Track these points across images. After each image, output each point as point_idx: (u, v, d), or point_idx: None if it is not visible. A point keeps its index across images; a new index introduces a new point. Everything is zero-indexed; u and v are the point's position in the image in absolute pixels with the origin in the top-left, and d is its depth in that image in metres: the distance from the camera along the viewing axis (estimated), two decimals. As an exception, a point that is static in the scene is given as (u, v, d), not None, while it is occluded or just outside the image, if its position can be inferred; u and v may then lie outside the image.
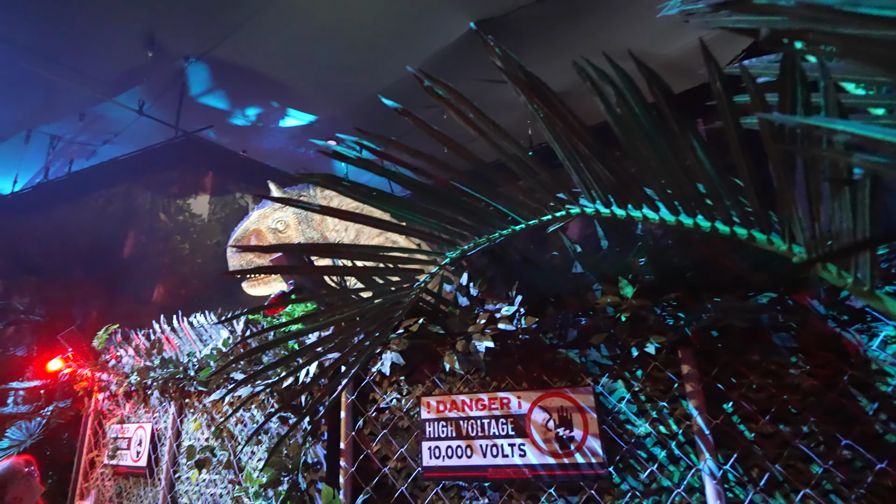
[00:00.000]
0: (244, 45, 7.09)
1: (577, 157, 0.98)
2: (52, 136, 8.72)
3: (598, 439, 1.47)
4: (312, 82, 7.94)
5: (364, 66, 7.60)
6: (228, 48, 7.18)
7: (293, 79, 7.87)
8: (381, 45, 7.22)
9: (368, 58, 7.41)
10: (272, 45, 7.10)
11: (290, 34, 6.91)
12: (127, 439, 2.72)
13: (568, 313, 1.51)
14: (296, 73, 7.73)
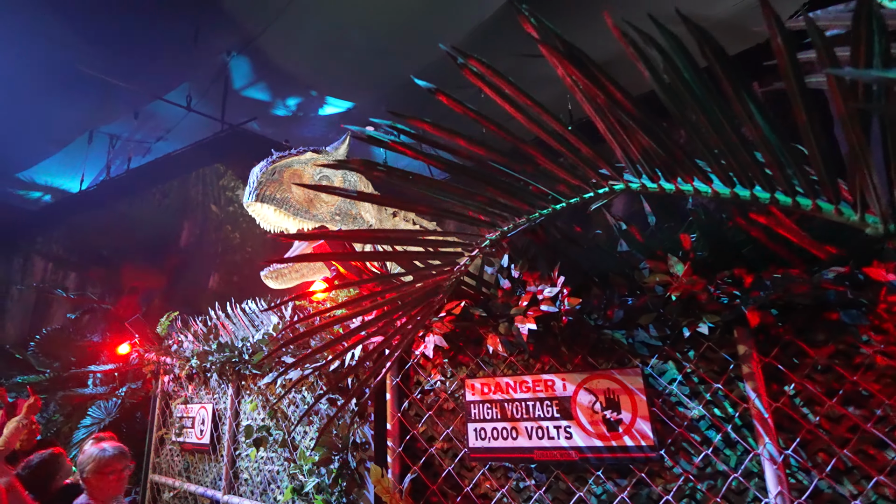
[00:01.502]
0: (282, 36, 7.21)
1: (621, 129, 0.93)
2: (111, 136, 9.27)
3: (647, 422, 1.42)
4: (349, 69, 7.98)
5: (400, 49, 7.55)
6: (267, 40, 7.32)
7: (331, 66, 7.94)
8: (416, 26, 7.14)
9: (404, 40, 7.35)
10: (309, 34, 7.18)
11: (326, 22, 6.95)
12: (191, 418, 2.91)
13: (613, 293, 1.46)
14: (333, 61, 7.79)
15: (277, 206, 2.79)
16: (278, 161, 2.91)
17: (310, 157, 3.01)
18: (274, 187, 2.79)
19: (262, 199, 2.77)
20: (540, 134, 0.98)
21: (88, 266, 8.94)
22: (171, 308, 7.88)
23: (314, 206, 2.90)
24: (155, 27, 6.94)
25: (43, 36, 6.82)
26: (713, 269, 1.34)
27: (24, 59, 7.20)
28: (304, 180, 2.89)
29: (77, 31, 6.85)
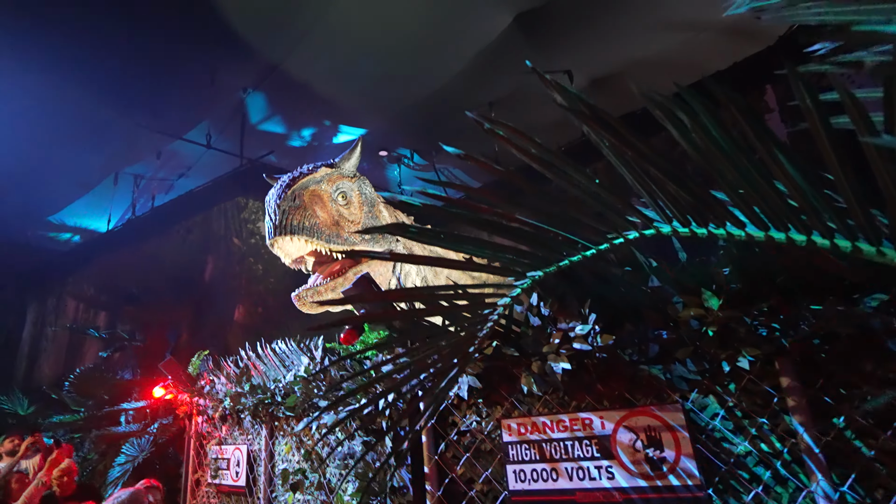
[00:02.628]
0: (294, 70, 7.42)
1: (650, 180, 0.93)
2: (135, 176, 9.60)
3: (692, 459, 1.39)
4: (361, 96, 8.16)
5: (409, 74, 7.70)
6: (281, 76, 7.54)
7: (342, 96, 8.12)
8: (424, 51, 7.28)
9: (413, 65, 7.50)
10: (320, 67, 7.37)
11: (336, 54, 7.14)
12: (226, 460, 2.94)
13: (647, 328, 1.44)
14: (344, 90, 7.97)
15: (308, 235, 2.40)
16: (294, 184, 2.54)
17: (325, 174, 2.68)
18: (300, 214, 2.41)
19: (291, 231, 2.38)
20: (569, 188, 0.99)
21: (118, 304, 9.18)
22: (198, 342, 8.03)
23: (342, 228, 2.55)
24: (174, 71, 7.22)
25: (68, 84, 7.14)
26: (749, 302, 1.32)
27: (51, 106, 7.54)
28: (324, 200, 2.57)
29: (100, 79, 7.16)
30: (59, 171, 9.17)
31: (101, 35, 6.43)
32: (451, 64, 7.50)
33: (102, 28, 6.33)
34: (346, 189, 2.71)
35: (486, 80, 7.85)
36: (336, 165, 2.78)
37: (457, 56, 7.35)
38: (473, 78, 7.74)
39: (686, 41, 6.98)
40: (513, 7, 6.76)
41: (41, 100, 7.38)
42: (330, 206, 2.59)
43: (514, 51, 7.29)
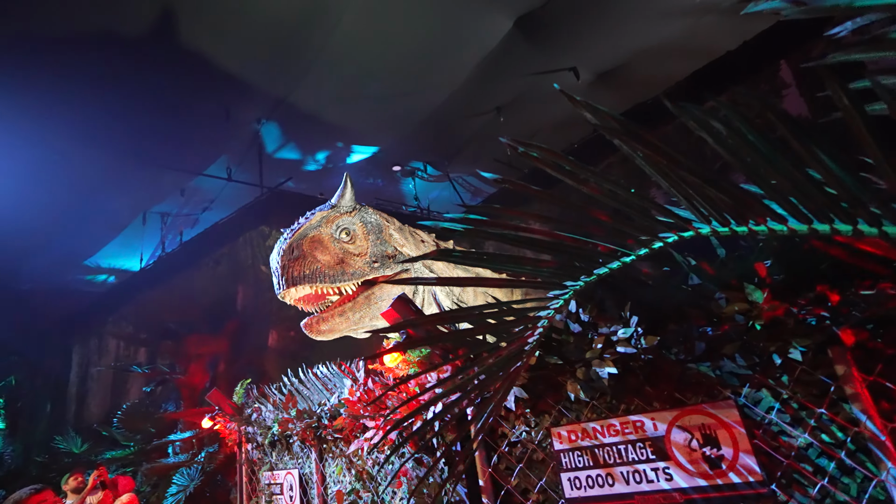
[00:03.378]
0: (304, 98, 7.61)
1: (686, 185, 0.95)
2: (162, 214, 9.94)
3: (751, 455, 1.38)
4: (370, 116, 8.30)
5: (416, 89, 7.82)
6: (291, 104, 7.74)
7: (353, 117, 8.28)
8: (428, 65, 7.39)
9: (418, 80, 7.61)
10: (329, 92, 7.54)
11: (342, 78, 7.29)
12: (279, 485, 3.00)
13: (691, 326, 1.44)
14: (354, 112, 8.13)
15: (311, 282, 2.55)
16: (292, 237, 2.68)
17: (321, 217, 2.77)
18: (299, 265, 2.55)
19: (294, 283, 2.53)
20: (605, 200, 1.01)
21: (156, 339, 9.46)
22: (236, 370, 8.18)
23: (348, 265, 2.66)
24: (190, 111, 7.48)
25: (92, 136, 7.47)
26: (794, 292, 1.31)
27: (78, 159, 7.88)
28: (325, 243, 2.67)
29: (122, 128, 7.47)
30: (90, 217, 9.56)
31: (119, 87, 6.73)
32: (456, 74, 7.58)
33: (120, 81, 6.62)
34: (348, 224, 2.78)
35: (492, 87, 7.90)
36: (334, 206, 2.87)
37: (461, 66, 7.44)
38: (479, 86, 7.80)
39: (690, 26, 6.90)
40: (511, 11, 6.81)
41: (68, 154, 7.73)
42: (332, 246, 2.67)
43: (517, 54, 7.33)
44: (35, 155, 7.58)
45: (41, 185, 8.25)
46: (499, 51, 7.26)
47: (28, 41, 5.78)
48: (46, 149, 7.49)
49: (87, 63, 6.31)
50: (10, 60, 6.00)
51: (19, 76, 6.25)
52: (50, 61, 6.17)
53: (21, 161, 7.65)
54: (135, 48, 6.21)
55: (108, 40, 6.05)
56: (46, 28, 5.70)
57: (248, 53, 6.69)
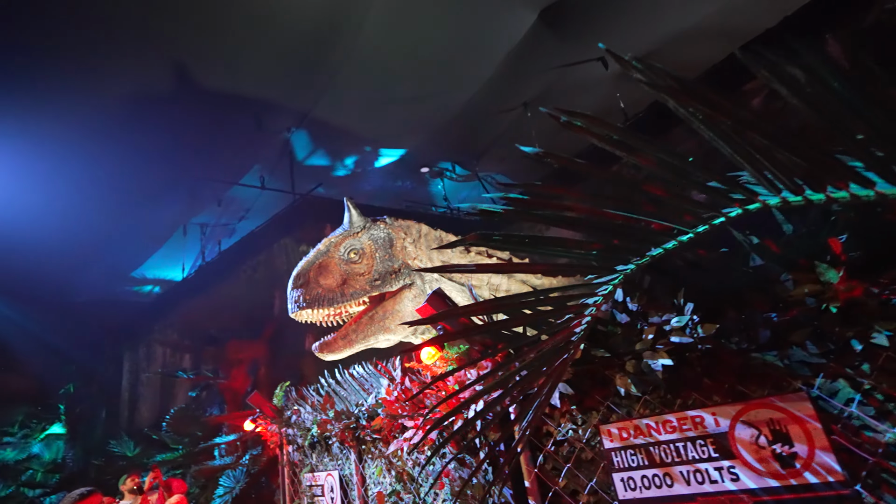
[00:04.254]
0: (331, 105, 7.70)
1: (752, 150, 0.84)
2: (201, 225, 10.28)
3: (829, 453, 1.24)
4: (397, 119, 8.33)
5: (441, 89, 7.78)
6: (320, 111, 7.85)
7: (379, 121, 8.33)
8: (453, 64, 7.34)
9: (444, 80, 7.58)
10: (355, 97, 7.61)
11: (368, 82, 7.34)
12: (320, 486, 2.99)
13: (755, 312, 1.32)
14: (381, 115, 8.17)
15: (311, 307, 2.80)
16: (302, 267, 2.95)
17: (329, 243, 3.00)
18: (304, 292, 2.82)
19: (300, 308, 2.84)
20: (656, 171, 0.91)
21: (200, 346, 9.77)
22: (275, 374, 8.35)
23: (349, 286, 2.85)
24: (223, 124, 7.69)
25: (134, 154, 7.79)
26: (875, 270, 1.17)
27: (121, 176, 8.24)
28: (330, 268, 2.88)
29: (160, 144, 7.77)
30: (135, 231, 9.98)
31: (159, 106, 7.00)
32: (481, 72, 7.50)
33: (159, 101, 6.89)
34: (356, 245, 2.96)
35: (518, 82, 7.77)
36: (342, 233, 3.05)
37: (485, 63, 7.35)
38: (505, 82, 7.69)
39: (724, 4, 6.58)
40: (535, 4, 6.68)
41: (113, 172, 8.10)
42: (338, 268, 2.89)
43: (543, 47, 7.18)
44: (84, 175, 7.98)
45: (90, 204, 8.68)
46: (523, 45, 7.14)
47: (78, 70, 6.10)
48: (94, 168, 7.87)
49: (129, 87, 6.61)
50: (64, 89, 6.35)
51: (72, 104, 6.61)
52: (98, 88, 6.49)
53: (72, 182, 8.08)
54: (172, 68, 6.45)
55: (149, 64, 6.32)
56: (95, 57, 5.99)
57: (276, 64, 6.83)
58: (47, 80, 6.23)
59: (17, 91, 6.28)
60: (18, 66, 5.93)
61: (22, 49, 5.73)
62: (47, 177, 7.85)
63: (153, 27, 5.80)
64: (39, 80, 6.19)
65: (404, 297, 2.88)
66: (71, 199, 8.46)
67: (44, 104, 6.56)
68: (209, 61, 6.53)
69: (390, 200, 10.05)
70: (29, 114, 6.63)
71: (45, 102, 6.53)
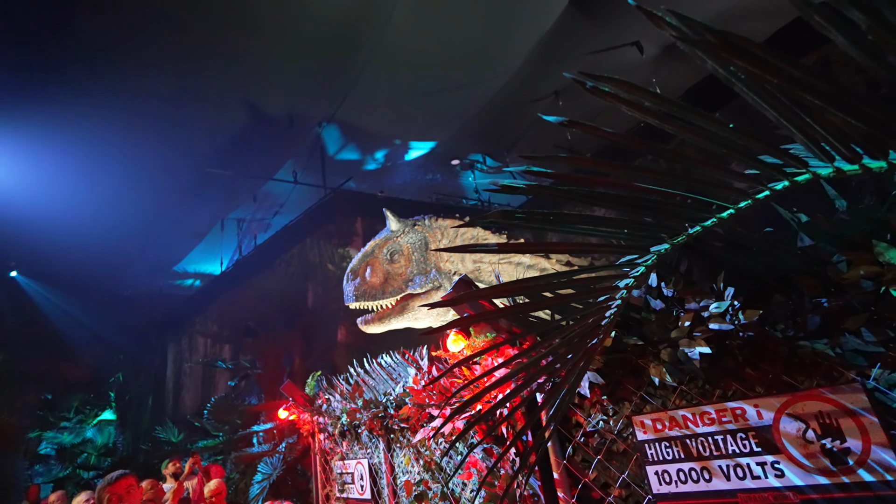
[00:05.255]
0: (361, 99, 7.74)
1: (802, 112, 0.77)
2: (238, 220, 10.60)
3: (887, 449, 1.14)
4: (426, 112, 8.30)
5: (471, 80, 7.70)
6: (350, 106, 7.91)
7: (409, 114, 8.32)
8: (483, 54, 7.24)
9: (474, 70, 7.49)
10: (385, 90, 7.62)
11: (398, 75, 7.33)
12: (350, 474, 3.02)
13: (803, 297, 1.22)
14: (411, 108, 8.16)
15: (359, 300, 3.33)
16: (353, 265, 3.45)
17: (374, 245, 3.46)
18: (356, 287, 3.34)
19: (356, 300, 3.35)
20: (694, 139, 0.84)
21: (238, 337, 10.10)
22: (309, 364, 8.52)
23: (388, 284, 3.32)
24: (258, 122, 7.88)
25: (174, 153, 8.09)
26: (943, 249, 1.06)
27: (161, 175, 8.58)
28: (375, 266, 3.37)
29: (199, 143, 8.04)
30: (176, 227, 10.39)
31: (194, 107, 7.24)
32: (512, 60, 7.37)
33: (196, 101, 7.12)
34: (395, 248, 3.43)
35: (550, 70, 7.58)
36: (385, 236, 3.50)
37: (516, 51, 7.21)
38: (536, 70, 7.52)
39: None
40: (565, -12, 6.49)
41: (154, 171, 8.45)
42: (381, 268, 3.37)
43: (575, 33, 6.98)
44: (129, 175, 8.36)
45: (136, 202, 9.10)
46: (555, 31, 6.97)
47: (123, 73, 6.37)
48: (139, 168, 8.23)
49: (171, 89, 6.85)
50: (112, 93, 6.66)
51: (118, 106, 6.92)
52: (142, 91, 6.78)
53: (118, 182, 8.48)
54: (210, 69, 6.64)
55: (190, 66, 6.53)
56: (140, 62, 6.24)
57: (308, 59, 6.91)
58: (97, 86, 6.53)
59: (70, 97, 6.62)
60: (74, 74, 6.24)
61: (76, 60, 6.03)
62: (97, 178, 8.26)
63: (195, 29, 5.97)
64: (90, 84, 6.50)
65: (431, 297, 3.29)
66: (118, 199, 8.88)
67: (92, 107, 6.88)
68: (245, 60, 6.67)
69: (420, 194, 10.06)
70: (77, 119, 6.98)
71: (93, 105, 6.85)
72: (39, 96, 6.57)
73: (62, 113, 6.84)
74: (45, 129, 7.09)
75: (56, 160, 7.75)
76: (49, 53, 5.94)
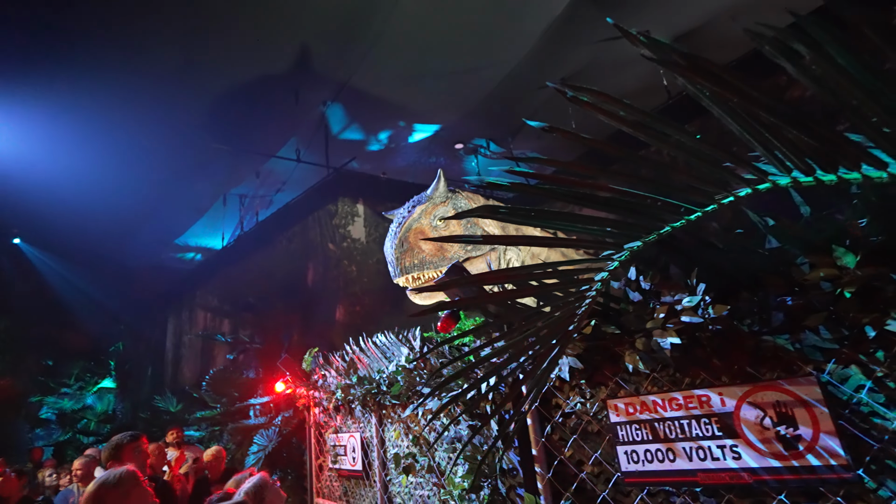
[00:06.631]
0: (367, 78, 7.73)
1: (761, 128, 0.84)
2: (240, 196, 10.65)
3: (834, 437, 1.24)
4: (432, 94, 8.28)
5: (478, 65, 7.67)
6: (355, 84, 7.90)
7: (415, 95, 8.31)
8: (491, 38, 7.21)
9: (481, 53, 7.46)
10: (391, 70, 7.60)
11: (405, 56, 7.31)
12: (343, 447, 3.16)
13: (768, 295, 1.31)
14: (416, 90, 8.14)
15: (419, 269, 2.91)
16: (400, 231, 3.06)
17: (420, 210, 3.12)
18: (409, 256, 2.93)
19: (406, 272, 2.91)
20: (666, 147, 0.92)
21: (238, 312, 10.25)
22: (307, 341, 8.69)
23: (446, 251, 2.99)
24: (263, 98, 7.87)
25: (178, 126, 8.11)
26: (895, 256, 1.14)
27: (166, 148, 8.61)
28: (427, 232, 3.04)
29: (203, 117, 8.04)
30: (178, 201, 10.44)
31: (200, 81, 7.23)
32: (520, 45, 7.33)
33: (200, 74, 7.11)
34: (442, 213, 3.12)
35: (557, 57, 7.55)
36: (429, 199, 3.20)
37: (524, 36, 7.18)
38: (544, 56, 7.49)
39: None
40: (575, -25, 6.44)
41: (158, 142, 8.47)
42: (432, 234, 3.01)
43: (584, 20, 6.94)
44: (134, 147, 8.38)
45: (139, 174, 9.14)
46: (564, 18, 6.92)
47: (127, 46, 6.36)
48: (143, 140, 8.25)
49: (175, 62, 6.84)
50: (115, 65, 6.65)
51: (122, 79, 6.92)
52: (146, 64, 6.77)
53: (122, 153, 8.50)
54: (216, 43, 6.62)
55: (195, 40, 6.51)
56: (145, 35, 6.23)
57: (314, 37, 6.89)
58: (101, 58, 6.53)
59: (76, 66, 6.62)
60: (79, 43, 6.24)
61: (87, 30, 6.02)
62: (100, 148, 8.29)
63: (197, 2, 5.95)
64: (94, 58, 6.50)
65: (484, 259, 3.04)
66: (122, 170, 8.92)
67: (97, 76, 6.88)
68: (251, 35, 6.65)
69: (423, 176, 10.09)
70: (82, 90, 6.99)
71: (99, 75, 6.85)
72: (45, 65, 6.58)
73: (67, 82, 6.85)
74: (50, 99, 7.11)
75: (60, 129, 7.78)
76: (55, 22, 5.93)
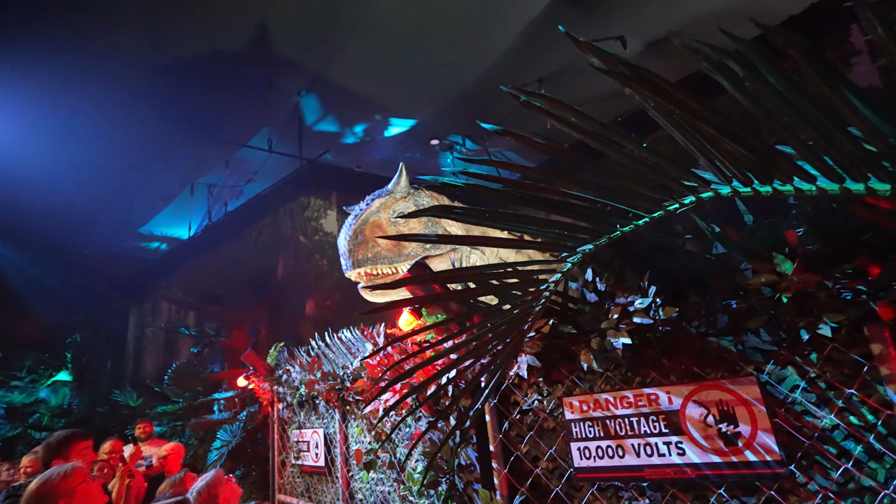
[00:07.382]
0: (343, 69, 7.62)
1: (702, 139, 0.88)
2: (209, 185, 10.35)
3: (770, 434, 1.31)
4: (409, 88, 8.24)
5: (455, 60, 7.67)
6: (331, 75, 7.78)
7: (391, 90, 8.24)
8: (469, 35, 7.21)
9: (459, 50, 7.45)
10: (368, 63, 7.52)
11: (381, 48, 7.24)
12: (306, 442, 3.14)
13: (714, 298, 1.37)
14: (393, 84, 8.08)
15: (372, 264, 2.84)
16: (355, 223, 2.96)
17: (380, 204, 3.02)
18: (362, 249, 2.85)
19: (359, 265, 2.84)
20: (617, 155, 0.95)
21: (203, 304, 9.99)
22: (275, 336, 8.55)
23: (403, 247, 2.91)
24: (234, 83, 7.66)
25: (143, 110, 7.81)
26: (829, 264, 1.21)
27: (130, 132, 8.29)
28: (384, 227, 2.93)
29: (170, 101, 7.77)
30: (144, 187, 10.07)
31: (167, 63, 6.99)
32: (497, 44, 7.36)
33: (169, 56, 6.87)
34: (403, 209, 3.01)
35: (535, 57, 7.62)
36: (389, 193, 3.10)
37: (502, 35, 7.22)
38: (521, 55, 7.55)
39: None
40: (552, -22, 6.50)
41: (121, 127, 8.14)
42: (390, 230, 2.92)
43: (562, 22, 7.02)
44: (96, 129, 8.03)
45: (101, 158, 8.76)
46: (542, 18, 6.99)
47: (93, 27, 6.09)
48: (106, 123, 7.91)
49: (142, 44, 6.59)
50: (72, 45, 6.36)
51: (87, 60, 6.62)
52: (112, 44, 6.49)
53: (83, 135, 8.13)
54: (187, 27, 6.41)
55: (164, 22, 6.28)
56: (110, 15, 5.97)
57: (289, 25, 6.75)
58: (64, 37, 6.24)
59: (35, 45, 6.30)
60: (38, 23, 5.94)
61: (41, 7, 5.73)
62: (61, 129, 7.91)
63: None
64: (57, 36, 6.20)
65: (446, 259, 2.97)
66: (82, 152, 8.53)
67: (60, 59, 6.57)
68: (223, 20, 6.47)
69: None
70: (44, 68, 6.66)
71: (61, 57, 6.54)
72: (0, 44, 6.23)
73: (20, 61, 6.52)
74: (5, 77, 6.75)
75: (13, 107, 7.39)
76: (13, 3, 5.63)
